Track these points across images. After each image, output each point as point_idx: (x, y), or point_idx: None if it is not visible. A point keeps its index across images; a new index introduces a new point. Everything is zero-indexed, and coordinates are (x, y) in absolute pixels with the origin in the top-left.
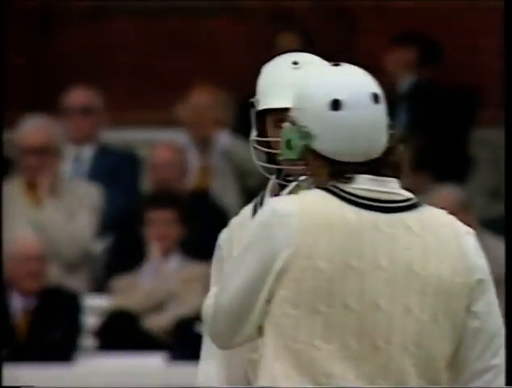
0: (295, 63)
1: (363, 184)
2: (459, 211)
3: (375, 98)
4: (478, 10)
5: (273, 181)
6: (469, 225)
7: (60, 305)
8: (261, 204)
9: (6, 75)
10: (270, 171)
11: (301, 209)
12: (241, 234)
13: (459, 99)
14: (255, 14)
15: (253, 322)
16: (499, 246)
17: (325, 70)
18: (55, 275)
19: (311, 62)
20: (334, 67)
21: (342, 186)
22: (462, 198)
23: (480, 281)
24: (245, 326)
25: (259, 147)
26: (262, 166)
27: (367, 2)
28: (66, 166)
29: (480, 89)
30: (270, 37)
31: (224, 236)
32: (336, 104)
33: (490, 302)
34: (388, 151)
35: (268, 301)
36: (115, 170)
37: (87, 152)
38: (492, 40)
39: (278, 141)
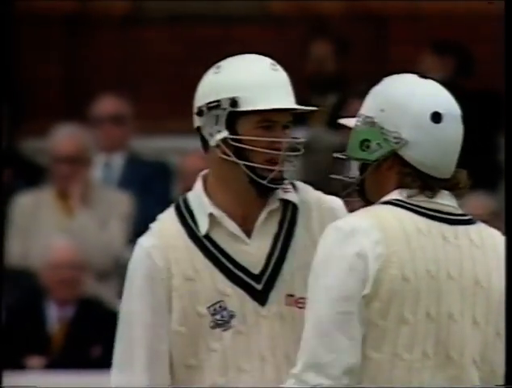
0: (273, 65)
1: (435, 197)
2: (490, 219)
3: (462, 118)
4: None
5: (201, 183)
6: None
7: (98, 315)
8: (187, 208)
9: (37, 84)
10: (257, 172)
11: (377, 223)
12: (178, 253)
13: (488, 106)
14: (288, 22)
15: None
16: None
17: (420, 82)
18: (87, 284)
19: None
20: (424, 79)
21: (404, 198)
22: (493, 206)
23: None
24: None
25: (240, 145)
26: (246, 165)
27: (399, 10)
28: (96, 174)
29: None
30: (303, 44)
31: (154, 250)
32: (437, 117)
33: None
34: (456, 174)
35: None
36: (147, 179)
37: (117, 160)
38: None
39: (259, 141)
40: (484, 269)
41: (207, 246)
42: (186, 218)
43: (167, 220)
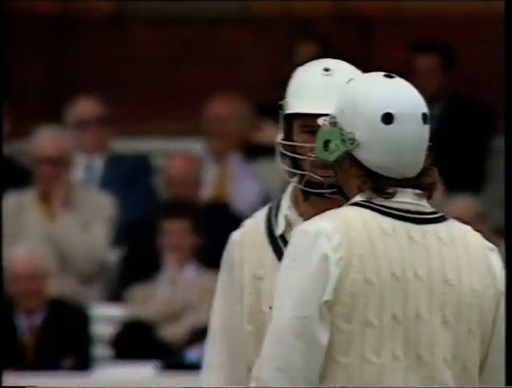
0: (326, 70)
1: (394, 196)
2: (475, 221)
3: (425, 118)
4: (494, 20)
5: (293, 186)
6: (484, 236)
7: (67, 318)
8: (277, 208)
9: (20, 85)
10: (292, 176)
11: (340, 225)
12: (252, 250)
13: (476, 112)
14: (273, 24)
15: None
16: None
17: (381, 81)
18: (71, 287)
19: (342, 69)
20: (388, 79)
21: (371, 199)
22: (477, 209)
23: (502, 296)
24: (318, 355)
25: (284, 151)
26: (284, 169)
27: (384, 12)
28: (78, 175)
29: (495, 98)
30: (289, 47)
31: (236, 245)
32: (388, 117)
33: (503, 316)
34: (424, 172)
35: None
36: (128, 177)
37: (99, 161)
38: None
39: (303, 147)
40: (454, 267)
41: (280, 246)
42: (271, 218)
43: (258, 217)
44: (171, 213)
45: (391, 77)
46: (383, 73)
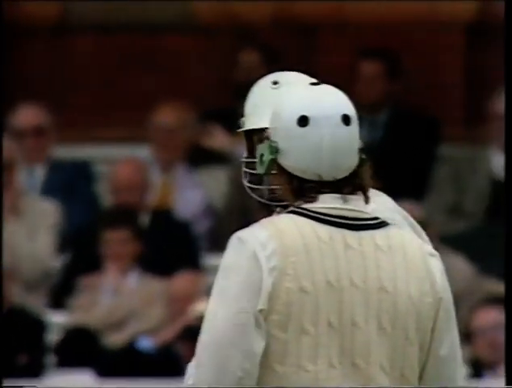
0: (274, 83)
1: (328, 203)
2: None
3: (346, 119)
4: (439, 27)
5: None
6: (428, 243)
7: (23, 325)
8: None
9: None
10: (259, 194)
11: (275, 233)
12: None
13: (420, 120)
14: (217, 31)
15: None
16: (457, 262)
17: (300, 88)
18: (15, 293)
19: (291, 82)
20: (311, 86)
21: (307, 206)
22: (420, 215)
23: (443, 302)
24: (252, 360)
25: (246, 169)
26: (248, 186)
27: (328, 19)
28: (20, 182)
29: (439, 106)
30: (232, 54)
31: None
32: (303, 120)
33: (450, 324)
34: (354, 173)
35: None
36: (69, 185)
37: (39, 168)
38: (451, 56)
39: None
40: (390, 274)
41: None
42: None
43: None
44: (112, 222)
45: (317, 84)
46: (310, 81)
